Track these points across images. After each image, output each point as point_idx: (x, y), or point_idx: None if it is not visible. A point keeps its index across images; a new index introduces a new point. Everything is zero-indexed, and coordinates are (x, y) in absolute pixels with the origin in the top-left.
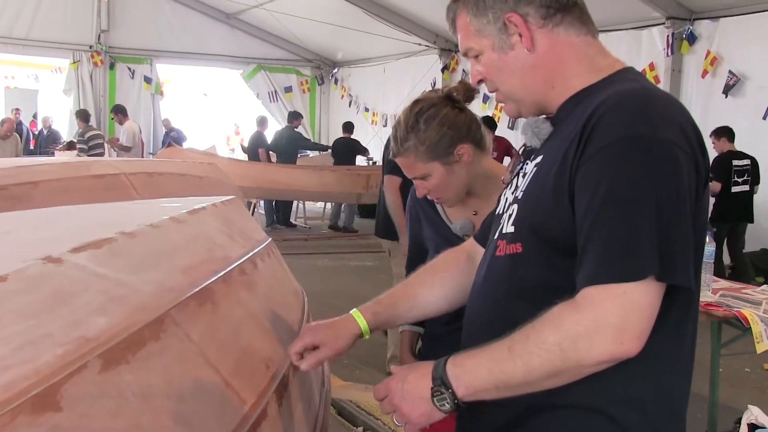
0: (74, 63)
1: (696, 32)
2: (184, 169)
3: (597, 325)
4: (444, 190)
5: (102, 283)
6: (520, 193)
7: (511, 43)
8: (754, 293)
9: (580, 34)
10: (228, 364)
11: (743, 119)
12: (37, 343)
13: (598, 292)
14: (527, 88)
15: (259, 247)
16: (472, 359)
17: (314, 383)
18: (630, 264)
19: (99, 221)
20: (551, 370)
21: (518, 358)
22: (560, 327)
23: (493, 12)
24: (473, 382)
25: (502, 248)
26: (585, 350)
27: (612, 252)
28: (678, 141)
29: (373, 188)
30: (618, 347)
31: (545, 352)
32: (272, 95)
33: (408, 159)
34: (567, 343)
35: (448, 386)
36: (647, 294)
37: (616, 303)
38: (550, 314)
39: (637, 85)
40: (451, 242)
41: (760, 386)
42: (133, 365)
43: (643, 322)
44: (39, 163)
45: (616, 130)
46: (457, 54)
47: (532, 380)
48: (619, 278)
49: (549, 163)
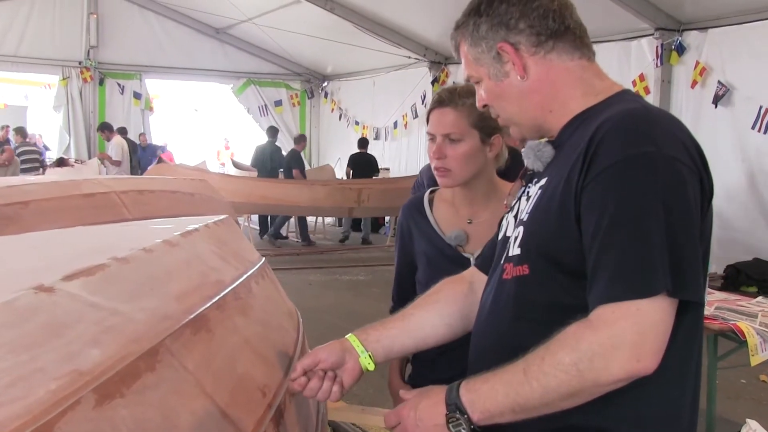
0: (64, 79)
1: (685, 43)
2: (174, 186)
3: (613, 344)
4: (462, 163)
5: (95, 313)
6: (525, 216)
7: (506, 71)
8: (749, 305)
9: (574, 59)
10: (224, 393)
11: (733, 129)
12: (29, 378)
13: (613, 311)
14: (524, 113)
15: (253, 269)
16: (486, 384)
17: (311, 407)
18: (642, 281)
19: (91, 246)
20: (568, 390)
21: (534, 380)
22: (576, 347)
23: (486, 42)
24: (489, 407)
25: (509, 271)
26: (602, 369)
27: (624, 270)
28: (681, 157)
29: (364, 202)
30: (635, 365)
31: (562, 373)
32: (262, 109)
33: (458, 114)
34: (584, 364)
35: (464, 412)
36: (661, 310)
37: (630, 321)
38: (565, 335)
39: (638, 105)
40: (444, 253)
41: (757, 398)
42: (128, 399)
43: (659, 339)
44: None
45: (621, 150)
46: (446, 66)
47: (548, 401)
48: (632, 295)
49: (553, 185)
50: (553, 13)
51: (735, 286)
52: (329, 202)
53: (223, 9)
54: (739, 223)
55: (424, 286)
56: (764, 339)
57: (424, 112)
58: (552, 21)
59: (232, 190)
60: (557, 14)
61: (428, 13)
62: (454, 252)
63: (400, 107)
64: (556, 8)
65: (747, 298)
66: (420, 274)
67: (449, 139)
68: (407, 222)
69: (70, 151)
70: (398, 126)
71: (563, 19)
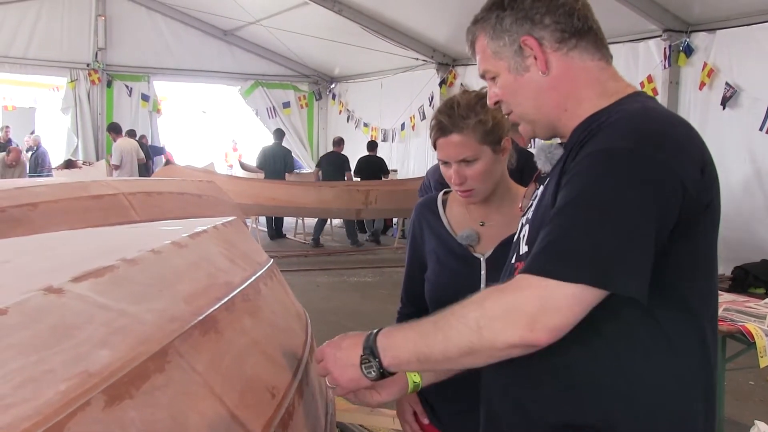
0: (72, 81)
1: (693, 44)
2: (182, 188)
3: (514, 309)
4: (483, 180)
5: (104, 314)
6: (530, 214)
7: (527, 66)
8: (757, 307)
9: (594, 59)
10: (233, 394)
11: (741, 131)
12: (39, 380)
13: (525, 280)
14: (541, 110)
15: (261, 270)
16: (401, 332)
17: (319, 409)
18: (559, 264)
19: (100, 247)
20: (467, 346)
21: (440, 331)
22: (481, 305)
23: (509, 35)
24: (398, 353)
25: (519, 269)
26: (498, 330)
27: (549, 249)
28: (665, 160)
29: (372, 204)
30: (528, 333)
31: (464, 327)
32: (270, 111)
33: (465, 137)
34: (484, 321)
35: (376, 355)
36: (569, 296)
37: (534, 293)
38: (480, 293)
39: (639, 105)
40: (455, 252)
41: (765, 399)
42: (137, 400)
43: (556, 319)
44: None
45: (603, 143)
46: (454, 68)
47: (450, 355)
48: (545, 273)
49: (553, 182)
50: (578, 11)
51: (743, 288)
52: (337, 204)
53: (230, 11)
54: (746, 225)
55: (433, 284)
56: None
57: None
58: (577, 19)
59: (240, 191)
60: (581, 13)
61: (436, 15)
62: (465, 251)
63: (408, 109)
64: (580, 7)
65: (755, 299)
66: (429, 273)
67: (465, 162)
68: (419, 221)
69: (78, 153)
70: (405, 128)
71: (587, 19)
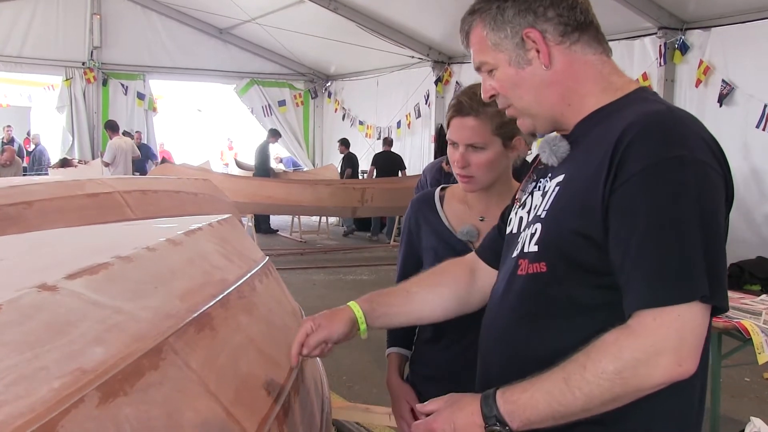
0: (67, 80)
1: (688, 42)
2: (178, 186)
3: (656, 351)
4: (486, 170)
5: (98, 311)
6: (543, 212)
7: (528, 59)
8: (753, 303)
9: (596, 53)
10: (228, 391)
11: (737, 128)
12: (33, 377)
13: (654, 317)
14: (543, 104)
15: (257, 267)
16: (525, 393)
17: (315, 406)
18: (682, 287)
19: (94, 245)
20: (612, 397)
21: (577, 389)
22: (619, 356)
23: (511, 27)
24: (530, 416)
25: (524, 267)
26: (646, 376)
27: (663, 275)
28: (709, 161)
29: (368, 202)
30: (677, 369)
31: (606, 381)
32: (266, 109)
33: (480, 122)
34: (628, 371)
35: (504, 423)
36: (700, 315)
37: (672, 327)
38: (605, 342)
39: (663, 107)
40: (454, 248)
41: (761, 396)
42: (132, 397)
43: (697, 343)
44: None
45: (652, 153)
46: (450, 66)
47: (590, 408)
48: (672, 301)
49: (575, 183)
50: (580, 5)
51: (739, 285)
52: (333, 202)
53: (226, 9)
54: (743, 222)
55: None
56: None
57: (427, 112)
58: (579, 13)
59: (235, 189)
60: (583, 7)
61: (431, 13)
62: (464, 247)
63: (404, 107)
64: (582, 1)
65: (751, 296)
66: (427, 269)
67: (472, 147)
68: (416, 217)
69: (74, 151)
70: (401, 126)
71: (588, 12)
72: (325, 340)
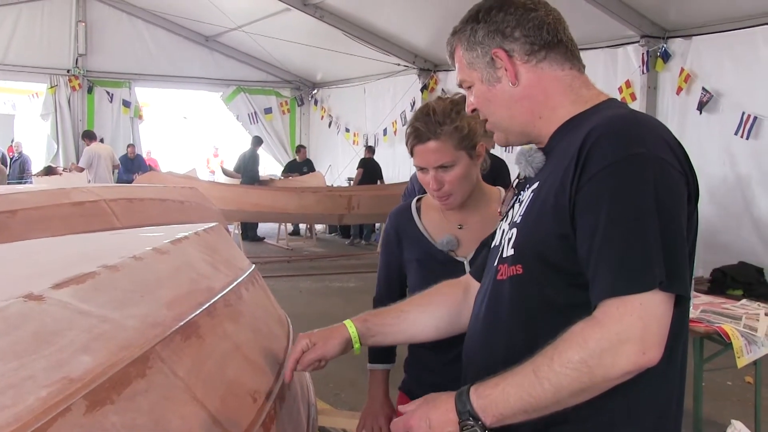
0: (52, 87)
1: (670, 50)
2: (164, 194)
3: (620, 339)
4: (460, 185)
5: (85, 320)
6: (518, 218)
7: (498, 77)
8: (734, 308)
9: (564, 69)
10: (215, 399)
11: (717, 135)
12: (19, 386)
13: (617, 306)
14: (514, 118)
15: (243, 276)
16: (497, 388)
17: (301, 413)
18: (643, 275)
19: (81, 254)
20: (579, 387)
21: (545, 380)
22: (584, 345)
23: (481, 47)
24: (502, 410)
25: (503, 272)
26: (611, 364)
27: (625, 265)
28: (669, 159)
29: (355, 209)
30: (642, 357)
31: (573, 371)
32: (252, 117)
33: (442, 143)
34: (593, 360)
35: (477, 418)
36: (662, 303)
37: (635, 315)
38: (571, 333)
39: (625, 111)
40: (436, 257)
41: (743, 399)
42: (118, 405)
43: (661, 331)
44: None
45: (613, 152)
46: (435, 74)
47: (560, 399)
48: (634, 290)
49: (546, 188)
50: (548, 25)
51: (722, 290)
52: (319, 209)
53: (212, 17)
54: (724, 228)
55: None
56: (749, 341)
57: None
58: (546, 33)
59: (221, 197)
60: (551, 27)
61: (417, 21)
62: (447, 256)
63: (390, 114)
64: (550, 21)
65: (732, 300)
66: (412, 280)
67: (442, 168)
68: (395, 230)
69: (59, 159)
70: (388, 133)
71: (556, 32)
72: (319, 359)
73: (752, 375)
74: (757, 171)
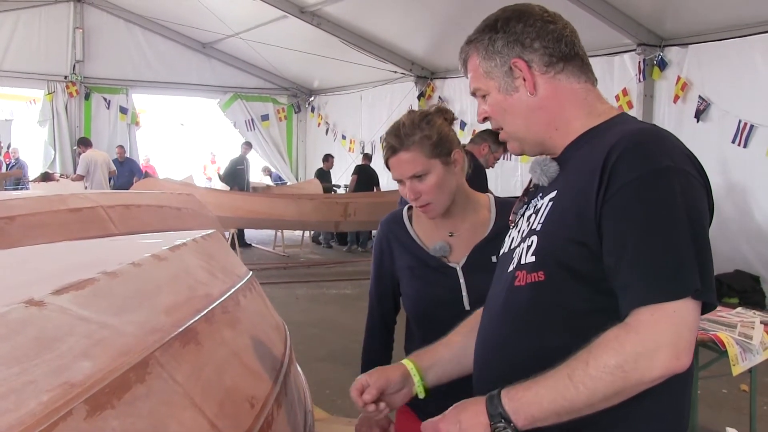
0: (49, 94)
1: (666, 58)
2: (162, 201)
3: (656, 345)
4: (437, 193)
5: (85, 326)
6: (538, 226)
7: (516, 86)
8: (729, 316)
9: (580, 82)
10: (213, 404)
11: (714, 143)
12: (21, 391)
13: (651, 313)
14: (530, 128)
15: (240, 282)
16: (529, 391)
17: (299, 419)
18: (678, 284)
19: (79, 260)
20: (614, 390)
21: (581, 384)
22: (620, 350)
23: (500, 57)
24: (534, 413)
25: (521, 278)
26: (646, 369)
27: (658, 273)
28: (693, 172)
29: (351, 216)
30: (675, 362)
31: (608, 375)
32: (249, 124)
33: (413, 153)
34: (629, 365)
35: (509, 420)
36: (693, 311)
37: (669, 322)
38: (606, 339)
39: (646, 125)
40: (429, 265)
41: (737, 407)
42: (118, 410)
43: (692, 337)
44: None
45: (642, 164)
46: (432, 81)
47: (593, 403)
48: (669, 298)
49: (568, 196)
50: (566, 38)
51: (718, 298)
52: (316, 216)
53: (209, 24)
54: (720, 236)
55: (413, 299)
56: (744, 349)
57: None
58: (564, 45)
59: (219, 204)
60: (569, 40)
61: (414, 29)
62: (439, 263)
63: (387, 121)
64: (568, 34)
65: (727, 308)
66: (406, 287)
67: (416, 178)
68: (387, 238)
69: (56, 165)
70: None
71: (573, 45)
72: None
73: (747, 383)
74: (753, 179)
